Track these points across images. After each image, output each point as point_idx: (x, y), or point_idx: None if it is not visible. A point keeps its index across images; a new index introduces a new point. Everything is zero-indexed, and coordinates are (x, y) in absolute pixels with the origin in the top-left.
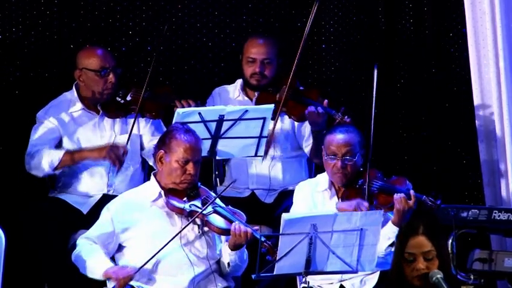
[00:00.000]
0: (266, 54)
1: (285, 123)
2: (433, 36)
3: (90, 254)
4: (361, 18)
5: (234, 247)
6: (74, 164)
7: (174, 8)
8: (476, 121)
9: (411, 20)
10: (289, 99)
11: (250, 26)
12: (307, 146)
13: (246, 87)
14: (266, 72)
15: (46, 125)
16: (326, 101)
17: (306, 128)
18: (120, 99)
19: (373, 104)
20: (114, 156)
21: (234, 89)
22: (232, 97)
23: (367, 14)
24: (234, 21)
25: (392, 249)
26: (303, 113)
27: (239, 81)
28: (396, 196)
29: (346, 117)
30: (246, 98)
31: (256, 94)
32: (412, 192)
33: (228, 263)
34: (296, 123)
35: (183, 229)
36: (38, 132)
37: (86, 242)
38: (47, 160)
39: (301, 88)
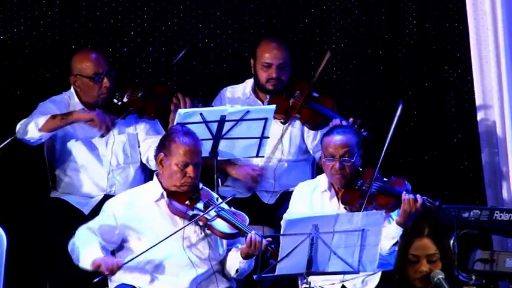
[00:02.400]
0: (282, 59)
1: (295, 127)
2: (435, 37)
3: (85, 245)
4: (363, 19)
5: (247, 256)
6: (61, 126)
7: (176, 8)
8: (478, 121)
9: (414, 21)
10: (303, 107)
11: (252, 27)
12: (317, 152)
13: (257, 90)
14: (283, 77)
15: (49, 107)
16: (352, 119)
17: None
18: (117, 101)
19: (389, 138)
20: (102, 119)
21: (244, 90)
22: (241, 98)
23: (370, 16)
24: (236, 21)
25: (396, 248)
26: (317, 121)
27: (249, 82)
28: (405, 197)
29: (362, 130)
30: (256, 100)
31: (267, 97)
32: (418, 196)
33: (237, 270)
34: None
35: (183, 228)
36: (40, 108)
37: (85, 233)
38: (33, 122)
39: (314, 94)
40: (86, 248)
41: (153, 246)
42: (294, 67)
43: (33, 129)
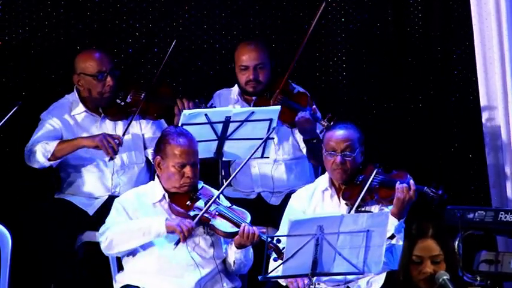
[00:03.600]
0: (258, 60)
1: (284, 125)
2: (440, 38)
3: (131, 223)
4: (369, 20)
5: (240, 246)
6: (69, 153)
7: (181, 9)
8: (482, 122)
9: (420, 22)
10: (282, 107)
11: (257, 28)
12: (303, 148)
13: (243, 93)
14: (260, 78)
15: (50, 124)
16: (314, 106)
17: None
18: (120, 101)
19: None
20: (107, 144)
21: (233, 93)
22: (232, 101)
23: (376, 17)
24: (241, 22)
25: (393, 241)
26: (293, 120)
27: (237, 87)
28: (398, 185)
29: (332, 123)
30: (244, 103)
31: (253, 99)
32: (412, 182)
33: (234, 261)
34: None
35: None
36: (41, 130)
37: (112, 226)
38: (41, 150)
39: (295, 90)
40: (139, 222)
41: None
42: (274, 67)
43: (42, 159)
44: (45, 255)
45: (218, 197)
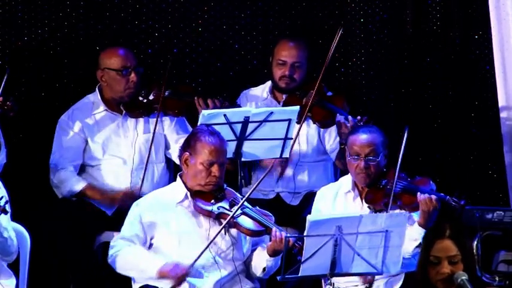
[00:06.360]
0: (297, 58)
1: (311, 127)
2: (459, 39)
3: (135, 254)
4: (388, 21)
5: (274, 253)
6: (90, 200)
7: (200, 10)
8: (501, 123)
9: (438, 22)
10: (314, 105)
11: (277, 28)
12: (332, 151)
13: (274, 90)
14: (295, 76)
15: (69, 134)
16: (359, 117)
17: (331, 132)
18: (142, 99)
19: (399, 163)
20: (128, 205)
21: (262, 91)
22: (259, 98)
23: (394, 17)
24: (261, 23)
25: (420, 250)
26: (328, 120)
27: (268, 83)
28: (420, 197)
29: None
30: (273, 101)
31: (284, 97)
32: (433, 195)
33: (264, 268)
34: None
35: (218, 234)
36: (61, 141)
37: (123, 243)
38: (68, 188)
39: (328, 94)
40: (141, 258)
41: (205, 249)
42: (310, 69)
43: (66, 194)
44: (64, 256)
45: (244, 199)
